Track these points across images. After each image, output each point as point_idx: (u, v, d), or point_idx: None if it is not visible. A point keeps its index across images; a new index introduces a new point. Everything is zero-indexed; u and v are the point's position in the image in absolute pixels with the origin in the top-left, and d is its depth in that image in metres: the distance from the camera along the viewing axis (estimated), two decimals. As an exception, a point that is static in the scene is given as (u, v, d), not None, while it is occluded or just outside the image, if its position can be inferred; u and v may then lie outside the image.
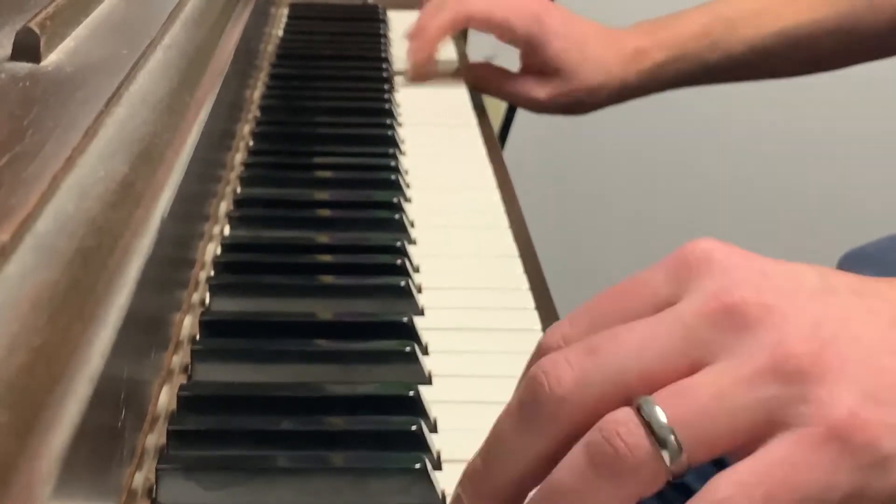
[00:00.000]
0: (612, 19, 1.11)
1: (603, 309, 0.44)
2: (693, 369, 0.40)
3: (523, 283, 0.71)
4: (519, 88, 1.08)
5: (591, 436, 0.40)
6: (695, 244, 0.43)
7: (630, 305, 0.43)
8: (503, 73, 1.10)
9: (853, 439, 0.39)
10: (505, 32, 1.05)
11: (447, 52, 1.14)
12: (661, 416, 0.39)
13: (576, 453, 0.40)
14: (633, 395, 0.40)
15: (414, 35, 1.06)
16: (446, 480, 0.52)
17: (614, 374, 0.41)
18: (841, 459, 0.39)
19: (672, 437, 0.39)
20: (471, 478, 0.44)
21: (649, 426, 0.39)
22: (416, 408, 0.55)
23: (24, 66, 0.47)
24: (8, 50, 0.48)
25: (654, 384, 0.40)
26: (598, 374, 0.41)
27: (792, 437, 0.39)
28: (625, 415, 0.40)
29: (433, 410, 0.56)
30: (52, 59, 0.49)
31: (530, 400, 0.42)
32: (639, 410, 0.40)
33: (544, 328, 0.65)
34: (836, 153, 1.83)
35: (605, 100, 1.07)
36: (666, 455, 0.39)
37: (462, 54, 1.17)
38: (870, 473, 0.39)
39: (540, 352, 0.44)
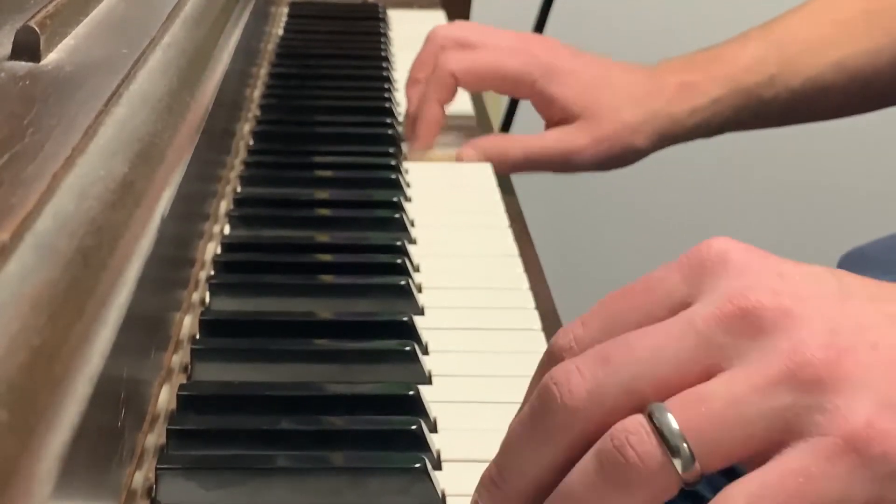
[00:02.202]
0: (614, 20, 1.09)
1: (615, 310, 0.43)
2: (707, 375, 0.40)
3: (523, 283, 0.71)
4: (551, 143, 0.88)
5: (602, 444, 0.40)
6: (710, 243, 0.42)
7: (643, 307, 0.42)
8: (523, 138, 0.90)
9: (870, 450, 0.38)
10: (503, 82, 0.88)
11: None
12: (672, 423, 0.39)
13: (586, 461, 0.40)
14: (646, 403, 0.40)
15: (411, 123, 0.90)
16: (446, 480, 0.52)
17: (627, 383, 0.40)
18: (857, 470, 0.38)
19: (684, 445, 0.39)
20: (486, 486, 0.44)
21: (661, 433, 0.39)
22: (416, 407, 0.55)
23: (23, 65, 0.47)
24: (8, 49, 0.48)
25: (668, 392, 0.40)
26: (610, 383, 0.40)
27: (807, 448, 0.38)
28: (635, 422, 0.39)
29: (433, 410, 0.56)
30: (52, 58, 0.49)
31: (542, 410, 0.41)
32: (650, 417, 0.39)
33: (544, 328, 0.65)
34: (836, 152, 1.83)
35: (657, 140, 0.90)
36: (678, 463, 0.39)
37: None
38: (887, 484, 0.38)
39: (551, 354, 0.44)
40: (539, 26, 1.59)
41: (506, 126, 1.55)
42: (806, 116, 0.97)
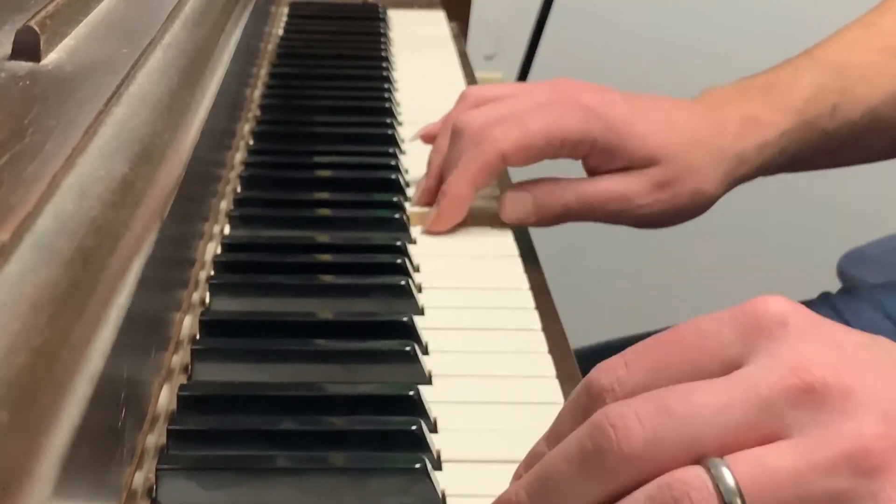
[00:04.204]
0: (614, 21, 1.08)
1: (662, 356, 0.43)
2: (763, 440, 0.40)
3: (523, 283, 0.71)
4: (609, 186, 0.77)
5: (660, 491, 0.40)
6: (765, 303, 0.42)
7: (693, 359, 0.42)
8: (574, 181, 0.77)
9: None
10: (561, 147, 0.75)
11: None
12: (729, 479, 0.39)
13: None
14: (701, 459, 0.40)
15: (439, 195, 0.77)
16: (446, 480, 0.52)
17: (687, 440, 0.40)
18: None
19: (739, 502, 0.39)
20: None
21: (717, 488, 0.39)
22: (416, 408, 0.55)
23: (24, 65, 0.47)
24: (8, 49, 0.48)
25: (725, 451, 0.40)
26: (670, 437, 0.40)
27: None
28: (698, 479, 0.39)
29: (433, 410, 0.56)
30: (52, 58, 0.49)
31: (595, 450, 0.41)
32: (708, 471, 0.39)
33: (544, 328, 0.65)
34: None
35: (725, 183, 0.80)
36: None
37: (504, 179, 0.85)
38: None
39: (592, 393, 0.43)
40: (539, 26, 1.59)
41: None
42: (855, 155, 0.88)
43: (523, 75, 1.60)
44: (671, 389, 0.41)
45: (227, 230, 0.73)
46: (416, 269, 0.71)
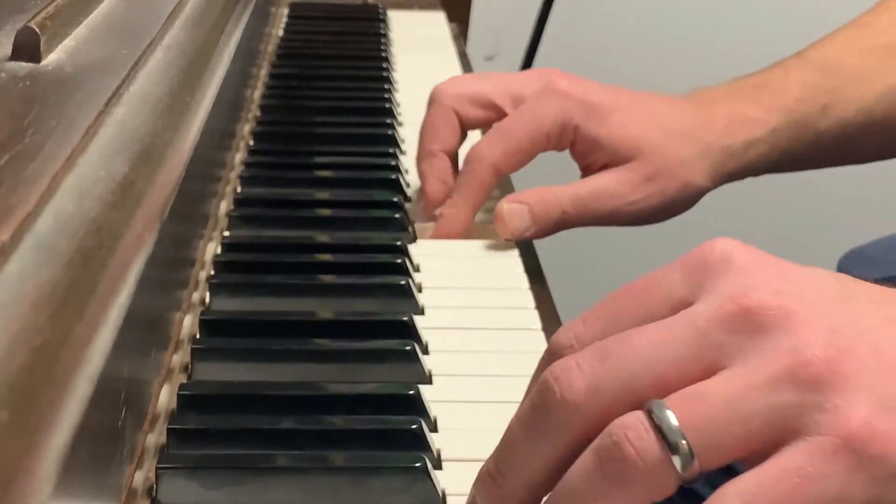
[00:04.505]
0: (614, 21, 1.08)
1: (617, 309, 0.43)
2: (707, 374, 0.40)
3: (523, 282, 0.71)
4: (600, 185, 0.75)
5: (601, 440, 0.40)
6: (713, 244, 0.42)
7: (645, 306, 0.42)
8: (567, 186, 0.76)
9: (868, 450, 0.38)
10: (546, 141, 0.75)
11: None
12: (672, 419, 0.39)
13: (586, 458, 0.40)
14: (645, 400, 0.40)
15: (431, 207, 0.78)
16: (446, 480, 0.52)
17: (626, 380, 0.40)
18: (855, 470, 0.38)
19: (683, 442, 0.39)
20: (484, 481, 0.44)
21: (660, 430, 0.39)
22: (416, 407, 0.55)
23: (24, 66, 0.47)
24: (8, 49, 0.48)
25: (668, 389, 0.40)
26: (610, 379, 0.40)
27: (805, 447, 0.38)
28: (634, 419, 0.39)
29: (433, 410, 0.56)
30: (52, 59, 0.49)
31: (541, 406, 0.41)
32: (649, 414, 0.39)
33: (544, 328, 0.65)
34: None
35: (715, 177, 0.79)
36: (677, 461, 0.39)
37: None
38: (884, 485, 0.38)
39: (552, 352, 0.44)
40: (539, 26, 1.59)
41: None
42: (848, 156, 0.87)
43: (523, 75, 1.59)
44: (614, 336, 0.41)
45: (227, 230, 0.73)
46: (416, 269, 0.71)
